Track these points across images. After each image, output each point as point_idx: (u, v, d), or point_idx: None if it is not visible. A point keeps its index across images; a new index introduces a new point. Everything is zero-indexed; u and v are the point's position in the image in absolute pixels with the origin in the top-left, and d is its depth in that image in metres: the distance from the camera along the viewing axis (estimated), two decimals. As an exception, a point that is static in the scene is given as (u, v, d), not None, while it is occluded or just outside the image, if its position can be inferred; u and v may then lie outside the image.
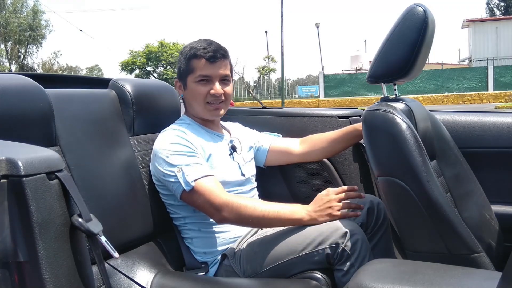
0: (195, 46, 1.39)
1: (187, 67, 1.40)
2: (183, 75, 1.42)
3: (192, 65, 1.39)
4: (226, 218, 1.26)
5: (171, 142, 1.33)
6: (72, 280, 0.69)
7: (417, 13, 1.13)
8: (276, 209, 1.25)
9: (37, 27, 31.08)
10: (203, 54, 1.37)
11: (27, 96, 1.07)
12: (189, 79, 1.41)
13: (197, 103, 1.42)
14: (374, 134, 1.16)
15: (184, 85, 1.44)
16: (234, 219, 1.27)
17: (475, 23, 23.56)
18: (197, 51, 1.38)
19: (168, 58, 24.91)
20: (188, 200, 1.30)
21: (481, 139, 1.54)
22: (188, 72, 1.40)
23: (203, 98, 1.40)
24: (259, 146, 1.60)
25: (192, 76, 1.40)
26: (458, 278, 0.81)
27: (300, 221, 1.25)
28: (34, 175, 0.66)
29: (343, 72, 24.52)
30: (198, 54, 1.38)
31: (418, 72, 1.21)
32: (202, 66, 1.38)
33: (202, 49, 1.38)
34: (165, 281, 1.25)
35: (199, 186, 1.26)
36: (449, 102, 17.80)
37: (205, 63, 1.38)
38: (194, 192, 1.27)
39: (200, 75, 1.38)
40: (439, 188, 1.08)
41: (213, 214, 1.28)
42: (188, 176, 1.27)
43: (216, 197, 1.25)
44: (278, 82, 26.34)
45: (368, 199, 1.38)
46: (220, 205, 1.24)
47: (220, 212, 1.25)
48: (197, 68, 1.39)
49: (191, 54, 1.39)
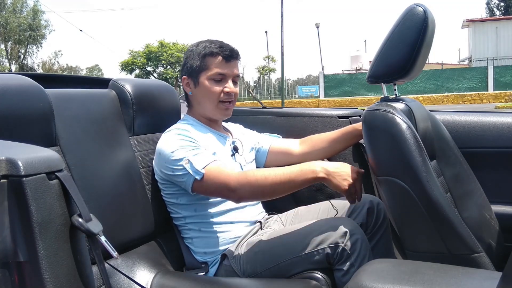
0: (209, 45, 1.40)
1: (202, 63, 1.39)
2: (195, 72, 1.41)
3: (207, 62, 1.39)
4: (243, 197, 1.25)
5: (174, 139, 1.33)
6: (72, 280, 0.69)
7: (417, 13, 1.13)
8: (287, 172, 1.21)
9: (37, 27, 31.09)
10: (220, 52, 1.38)
11: (27, 96, 1.07)
12: (202, 76, 1.40)
13: (209, 101, 1.41)
14: (374, 134, 1.16)
15: (195, 83, 1.42)
16: (249, 195, 1.26)
17: (475, 23, 23.56)
18: (213, 49, 1.38)
19: (168, 58, 24.90)
20: (201, 189, 1.29)
21: (481, 139, 1.54)
22: (202, 69, 1.40)
23: (217, 97, 1.40)
24: (259, 147, 1.60)
25: (206, 73, 1.39)
26: (458, 278, 0.81)
27: (314, 173, 1.20)
28: (34, 175, 0.66)
29: (343, 72, 24.53)
30: (214, 52, 1.38)
31: (418, 72, 1.21)
32: (218, 63, 1.38)
33: (219, 47, 1.39)
34: (165, 281, 1.25)
35: (209, 172, 1.25)
36: (449, 102, 17.80)
37: (221, 61, 1.39)
38: (206, 179, 1.25)
39: (217, 73, 1.38)
40: (439, 188, 1.08)
41: (229, 196, 1.26)
42: (196, 165, 1.26)
43: (226, 178, 1.23)
44: (278, 82, 26.35)
45: (368, 199, 1.38)
46: (233, 186, 1.23)
47: (235, 192, 1.23)
48: (213, 66, 1.39)
49: (206, 52, 1.39)
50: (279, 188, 1.22)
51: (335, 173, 1.20)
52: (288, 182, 1.21)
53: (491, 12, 32.63)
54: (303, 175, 1.20)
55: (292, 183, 1.21)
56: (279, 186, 1.21)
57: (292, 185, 1.22)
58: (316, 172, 1.20)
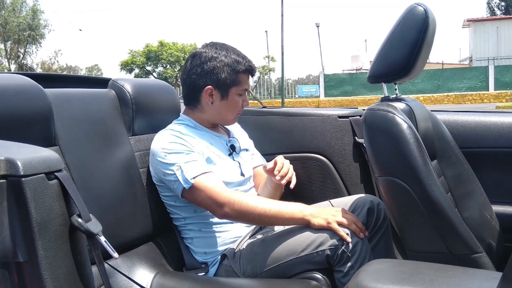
0: (242, 60, 1.40)
1: (236, 79, 1.39)
2: (226, 85, 1.39)
3: (240, 78, 1.40)
4: (228, 214, 1.27)
5: (168, 141, 1.33)
6: (71, 280, 0.69)
7: (417, 13, 1.13)
8: (277, 207, 1.25)
9: (36, 26, 31.07)
10: (250, 69, 1.42)
11: (27, 96, 1.07)
12: (232, 90, 1.40)
13: (231, 113, 1.44)
14: (374, 134, 1.16)
15: (223, 95, 1.40)
16: (236, 216, 1.28)
17: (475, 23, 23.56)
18: (247, 67, 1.41)
19: (168, 58, 24.91)
20: (189, 198, 1.31)
21: (482, 139, 1.54)
22: (234, 84, 1.40)
23: (239, 110, 1.45)
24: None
25: (237, 88, 1.41)
26: (458, 278, 0.81)
27: (301, 220, 1.25)
28: (33, 175, 0.65)
29: (343, 71, 24.54)
30: (248, 69, 1.41)
31: (418, 72, 1.21)
32: (246, 80, 1.42)
33: (249, 65, 1.42)
34: (165, 281, 1.25)
35: (198, 183, 1.26)
36: (450, 102, 17.79)
37: (248, 78, 1.43)
38: (194, 190, 1.27)
39: (245, 88, 1.43)
40: (440, 188, 1.08)
41: (215, 210, 1.28)
42: (187, 173, 1.27)
43: (218, 193, 1.25)
44: (278, 82, 26.37)
45: (368, 199, 1.38)
46: (222, 201, 1.25)
47: (222, 208, 1.25)
48: (243, 82, 1.41)
49: (241, 69, 1.39)
50: (266, 219, 1.26)
51: (317, 214, 1.24)
52: (276, 216, 1.25)
53: (492, 11, 32.62)
54: (293, 213, 1.25)
55: (280, 219, 1.25)
56: (266, 217, 1.25)
57: (279, 220, 1.26)
58: (305, 214, 1.25)
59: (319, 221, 1.23)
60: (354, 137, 1.64)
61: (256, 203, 1.25)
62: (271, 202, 1.27)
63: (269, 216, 1.24)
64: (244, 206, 1.24)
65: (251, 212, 1.24)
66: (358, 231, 1.22)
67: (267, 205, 1.25)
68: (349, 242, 1.19)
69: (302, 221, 1.25)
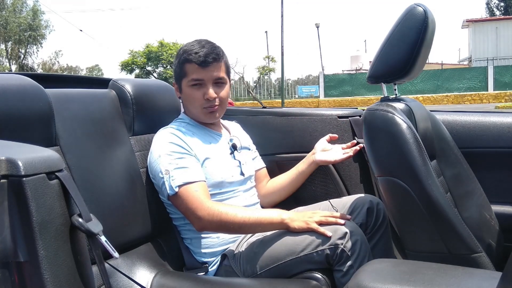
0: (188, 50, 1.38)
1: (181, 71, 1.40)
2: (178, 78, 1.42)
3: (185, 69, 1.38)
4: (206, 228, 1.29)
5: (165, 142, 1.33)
6: (72, 280, 0.69)
7: (417, 13, 1.13)
8: (256, 215, 1.27)
9: (37, 27, 31.08)
10: (194, 58, 1.36)
11: (27, 96, 1.07)
12: (183, 82, 1.40)
13: (193, 106, 1.41)
14: (374, 134, 1.16)
15: (180, 88, 1.43)
16: (215, 228, 1.30)
17: (475, 23, 23.56)
18: (188, 56, 1.37)
19: (168, 58, 24.90)
20: (174, 203, 1.33)
21: (481, 139, 1.54)
22: (182, 75, 1.40)
23: (200, 103, 1.39)
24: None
25: (186, 80, 1.39)
26: (458, 278, 0.81)
27: (280, 224, 1.26)
28: (34, 175, 0.66)
29: (343, 72, 24.52)
30: (189, 59, 1.37)
31: (418, 72, 1.21)
32: (194, 70, 1.37)
33: (194, 53, 1.36)
34: (165, 281, 1.25)
35: (182, 192, 1.28)
36: (449, 102, 17.80)
37: (197, 68, 1.36)
38: (177, 197, 1.29)
39: (192, 79, 1.37)
40: (439, 188, 1.08)
41: (193, 222, 1.29)
42: (174, 180, 1.28)
43: (198, 206, 1.26)
44: (278, 82, 26.35)
45: (368, 199, 1.38)
46: (201, 214, 1.26)
47: (200, 221, 1.27)
48: (189, 72, 1.38)
49: (183, 58, 1.38)
50: (246, 227, 1.27)
51: (295, 218, 1.25)
52: (255, 224, 1.26)
53: (491, 12, 32.62)
54: (271, 219, 1.26)
55: (260, 226, 1.27)
56: (246, 225, 1.26)
57: (259, 227, 1.28)
58: (283, 218, 1.26)
59: (299, 224, 1.24)
60: (354, 137, 1.64)
61: (235, 213, 1.26)
62: (249, 211, 1.30)
63: (249, 225, 1.26)
64: (224, 217, 1.25)
65: (230, 222, 1.25)
66: (338, 219, 1.24)
67: (246, 214, 1.27)
68: (329, 236, 1.20)
69: (281, 225, 1.26)
